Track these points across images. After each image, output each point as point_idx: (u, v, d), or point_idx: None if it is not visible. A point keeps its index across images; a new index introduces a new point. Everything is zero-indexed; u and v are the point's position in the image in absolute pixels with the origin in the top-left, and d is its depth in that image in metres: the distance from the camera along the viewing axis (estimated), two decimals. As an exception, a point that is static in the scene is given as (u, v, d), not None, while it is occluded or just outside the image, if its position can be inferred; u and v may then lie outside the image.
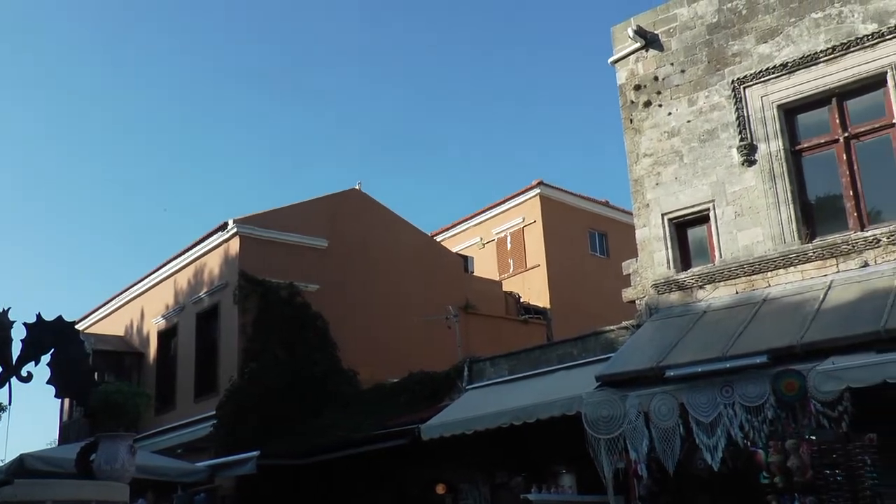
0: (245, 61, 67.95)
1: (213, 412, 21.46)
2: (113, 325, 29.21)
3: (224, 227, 23.33)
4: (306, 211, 24.51)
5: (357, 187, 26.53)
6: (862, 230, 13.17)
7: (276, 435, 19.97)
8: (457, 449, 16.04)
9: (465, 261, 28.70)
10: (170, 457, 19.40)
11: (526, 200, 31.33)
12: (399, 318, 24.40)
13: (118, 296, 29.36)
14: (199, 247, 24.64)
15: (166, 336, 26.25)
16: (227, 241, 23.42)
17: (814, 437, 11.27)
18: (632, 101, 16.01)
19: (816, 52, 13.89)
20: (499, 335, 25.71)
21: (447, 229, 34.17)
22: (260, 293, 22.40)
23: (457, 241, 32.99)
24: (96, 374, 24.82)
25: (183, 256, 25.47)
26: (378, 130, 69.25)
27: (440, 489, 16.83)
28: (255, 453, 17.48)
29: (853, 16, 13.74)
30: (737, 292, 13.93)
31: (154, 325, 26.70)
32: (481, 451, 16.16)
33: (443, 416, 16.28)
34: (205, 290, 24.08)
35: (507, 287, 29.63)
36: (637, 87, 15.98)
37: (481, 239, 32.56)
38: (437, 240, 31.89)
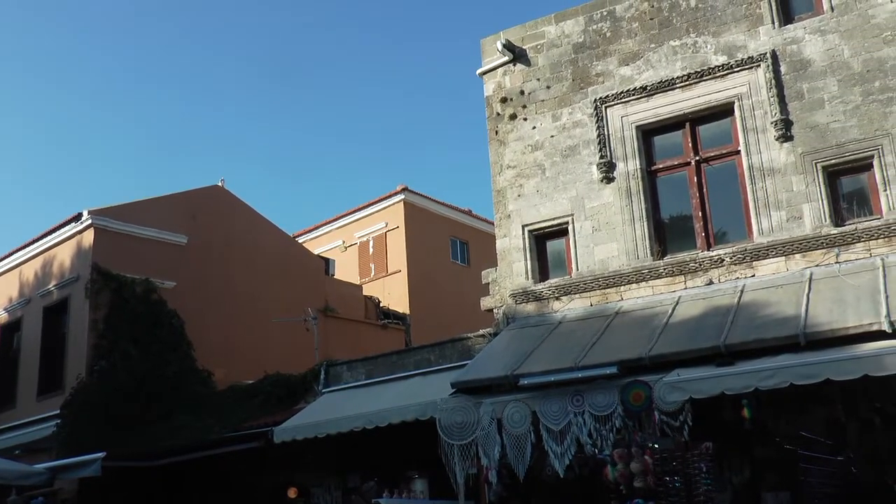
0: (118, 42, 65.64)
1: (58, 411, 20.60)
2: (-51, 317, 27.59)
3: (78, 217, 22.46)
4: (166, 206, 23.84)
5: (220, 184, 26.04)
6: (708, 250, 13.89)
7: (125, 436, 19.32)
8: (310, 452, 15.95)
9: (326, 263, 28.55)
10: (5, 458, 18.48)
11: (390, 206, 31.42)
12: (258, 319, 24.05)
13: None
14: (49, 237, 23.57)
15: (9, 330, 24.99)
16: (80, 232, 22.53)
17: (657, 446, 11.80)
18: (498, 113, 16.34)
19: (673, 78, 14.59)
20: (357, 339, 25.71)
21: (310, 231, 33.91)
22: (113, 288, 21.66)
23: (319, 244, 32.78)
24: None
25: (31, 247, 24.32)
26: (243, 127, 68.05)
27: (291, 493, 16.67)
28: (100, 455, 16.82)
29: (706, 47, 14.50)
30: (591, 304, 14.41)
31: (-5, 317, 25.42)
32: (335, 455, 16.12)
33: (296, 420, 16.18)
34: (54, 282, 23.08)
35: (367, 291, 29.63)
36: (503, 100, 16.32)
37: (343, 242, 32.46)
38: (300, 241, 31.59)
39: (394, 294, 29.86)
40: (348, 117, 68.99)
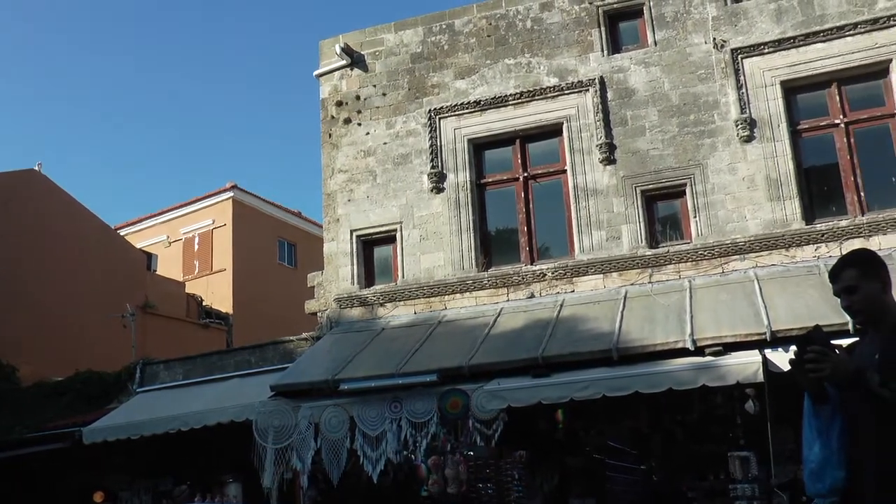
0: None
1: None
2: None
3: None
4: (-27, 188, 22.42)
5: (37, 168, 24.70)
6: (531, 264, 14.32)
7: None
8: (122, 455, 15.37)
9: (148, 258, 27.62)
10: None
11: (218, 203, 30.73)
12: (71, 313, 22.91)
13: None
14: None
15: None
16: None
17: (471, 453, 12.07)
18: (332, 117, 16.27)
19: (506, 95, 14.98)
20: (178, 338, 24.90)
21: (133, 223, 32.65)
22: None
23: (142, 237, 31.62)
24: None
25: None
26: (66, 111, 64.81)
27: (97, 497, 15.96)
28: None
29: (539, 68, 14.98)
30: (415, 312, 14.56)
31: None
32: (148, 458, 15.60)
33: (108, 420, 15.56)
34: None
35: (190, 289, 28.83)
36: (339, 104, 16.27)
37: (168, 237, 31.49)
38: (121, 234, 30.38)
39: (217, 293, 29.19)
40: (179, 109, 66.99)
